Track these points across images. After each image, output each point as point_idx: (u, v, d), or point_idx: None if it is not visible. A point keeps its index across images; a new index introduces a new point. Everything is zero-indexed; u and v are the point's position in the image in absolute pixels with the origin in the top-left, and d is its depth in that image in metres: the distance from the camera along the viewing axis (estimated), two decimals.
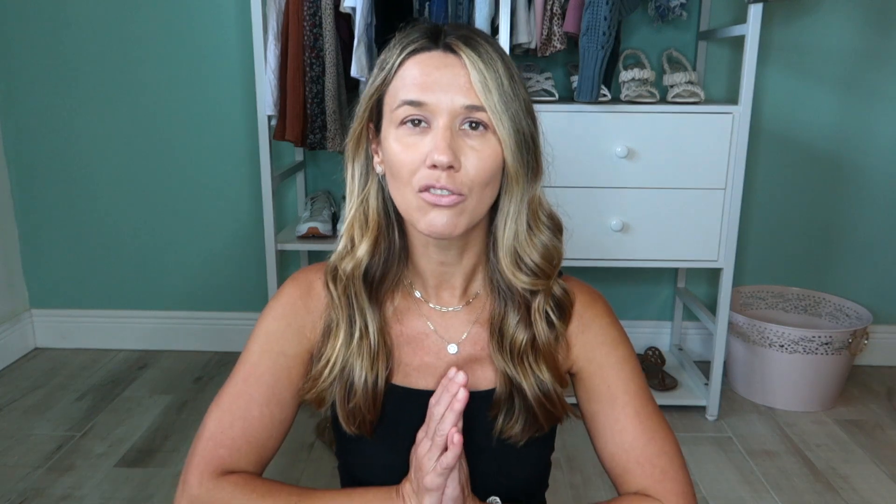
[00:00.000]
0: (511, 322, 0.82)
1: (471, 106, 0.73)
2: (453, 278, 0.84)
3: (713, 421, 1.98)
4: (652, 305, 2.37)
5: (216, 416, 0.82)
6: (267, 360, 0.83)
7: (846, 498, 1.65)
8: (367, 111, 0.79)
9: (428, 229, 0.74)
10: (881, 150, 2.21)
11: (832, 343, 1.97)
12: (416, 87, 0.74)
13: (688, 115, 1.79)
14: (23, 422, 1.94)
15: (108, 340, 2.42)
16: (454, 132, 0.73)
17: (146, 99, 2.24)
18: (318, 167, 2.30)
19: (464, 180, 0.73)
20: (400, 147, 0.74)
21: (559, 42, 1.86)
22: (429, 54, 0.76)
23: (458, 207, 0.74)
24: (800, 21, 2.13)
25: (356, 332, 0.81)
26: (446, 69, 0.74)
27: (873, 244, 2.29)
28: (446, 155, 0.71)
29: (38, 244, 2.38)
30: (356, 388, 0.80)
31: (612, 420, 0.84)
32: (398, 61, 0.76)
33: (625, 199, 1.83)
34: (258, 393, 0.82)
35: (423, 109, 0.73)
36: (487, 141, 0.75)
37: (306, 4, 1.83)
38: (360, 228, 0.81)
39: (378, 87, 0.78)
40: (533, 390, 0.80)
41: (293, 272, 0.89)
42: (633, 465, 0.82)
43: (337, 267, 0.82)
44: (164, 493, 1.63)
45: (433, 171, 0.72)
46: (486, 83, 0.73)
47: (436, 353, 0.84)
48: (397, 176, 0.75)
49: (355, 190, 0.82)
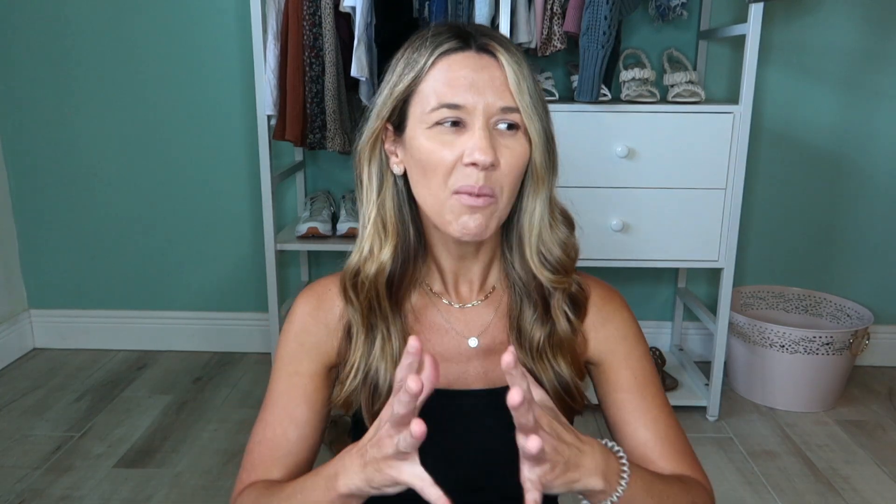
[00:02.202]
0: (528, 318, 0.82)
1: (506, 108, 0.74)
2: (470, 273, 0.85)
3: (714, 421, 1.98)
4: (652, 305, 2.37)
5: (249, 443, 0.87)
6: (281, 383, 0.85)
7: (847, 499, 1.64)
8: (392, 110, 0.78)
9: (461, 231, 0.75)
10: (882, 150, 2.21)
11: (833, 343, 1.96)
12: (453, 89, 0.74)
13: (688, 114, 1.79)
14: (21, 422, 1.93)
15: (107, 341, 2.42)
16: (491, 132, 0.74)
17: (145, 99, 2.24)
18: (318, 167, 2.29)
19: (499, 179, 0.74)
20: (435, 145, 0.74)
21: (559, 42, 1.86)
22: (463, 55, 0.76)
23: (490, 209, 0.75)
24: (800, 21, 2.13)
25: (378, 336, 0.81)
26: (483, 71, 0.75)
27: (874, 244, 2.28)
28: (489, 155, 0.72)
29: (36, 244, 2.37)
30: (381, 391, 0.80)
31: (640, 409, 0.84)
32: (430, 61, 0.76)
33: (625, 199, 1.83)
34: (272, 417, 0.85)
35: (461, 112, 0.74)
36: (519, 141, 0.76)
37: (306, 4, 1.83)
38: (379, 234, 0.80)
39: (408, 86, 0.77)
40: (552, 384, 0.81)
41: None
42: (670, 450, 0.83)
43: (358, 272, 0.81)
44: (163, 493, 1.63)
45: (471, 170, 0.73)
46: (519, 84, 0.75)
47: (456, 348, 0.84)
48: (431, 175, 0.75)
49: (373, 193, 0.81)
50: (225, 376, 2.24)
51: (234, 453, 1.79)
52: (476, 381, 0.84)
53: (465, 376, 0.84)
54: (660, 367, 2.15)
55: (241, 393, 2.12)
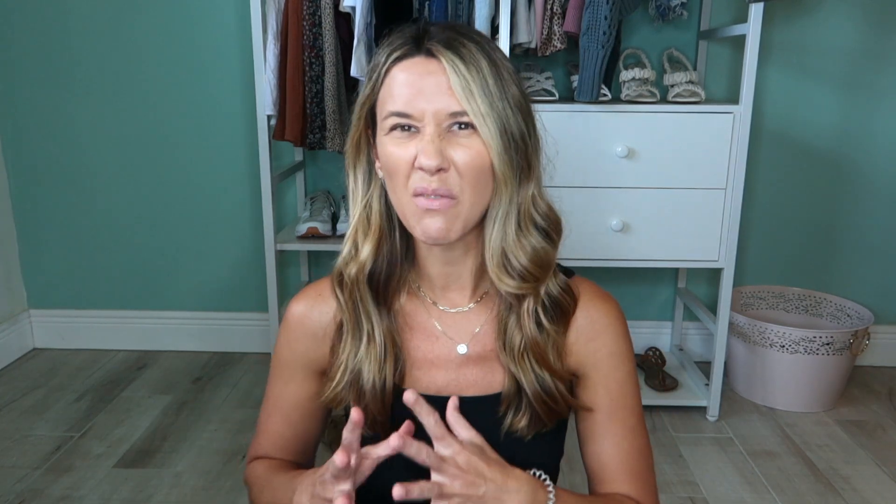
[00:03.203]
0: (511, 322, 0.82)
1: (455, 112, 0.73)
2: (461, 279, 0.84)
3: (714, 421, 1.98)
4: (652, 305, 2.37)
5: (259, 423, 0.95)
6: (278, 388, 0.91)
7: (847, 499, 1.64)
8: (362, 119, 0.79)
9: (423, 235, 0.75)
10: (882, 150, 2.21)
11: (833, 343, 1.96)
12: (401, 98, 0.74)
13: (688, 114, 1.79)
14: (21, 422, 1.93)
15: (107, 341, 2.42)
16: (442, 134, 0.73)
17: (145, 99, 2.24)
18: (318, 167, 2.29)
19: (455, 180, 0.73)
20: (393, 149, 0.75)
21: (559, 41, 1.86)
22: (412, 61, 0.75)
23: (451, 212, 0.74)
24: (800, 21, 2.13)
25: (363, 336, 0.82)
26: (429, 76, 0.73)
27: (875, 244, 2.28)
28: (433, 159, 0.72)
29: (36, 244, 2.37)
30: (366, 391, 0.81)
31: (608, 431, 0.85)
32: (384, 69, 0.76)
33: (625, 199, 1.82)
34: (273, 419, 0.92)
35: (410, 119, 0.74)
36: (476, 140, 0.74)
37: (306, 4, 1.83)
38: (363, 233, 0.82)
39: (368, 95, 0.78)
40: (533, 388, 0.80)
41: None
42: (622, 474, 0.85)
43: (342, 272, 0.83)
44: (163, 493, 1.63)
45: (423, 174, 0.73)
46: (467, 87, 0.72)
47: (445, 354, 0.84)
48: (394, 178, 0.76)
49: (358, 195, 0.82)
50: (225, 376, 2.23)
51: (233, 453, 1.79)
52: (468, 388, 0.84)
53: (457, 383, 0.84)
54: (660, 367, 2.15)
55: (241, 393, 2.12)
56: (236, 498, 1.61)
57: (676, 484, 1.69)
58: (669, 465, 1.77)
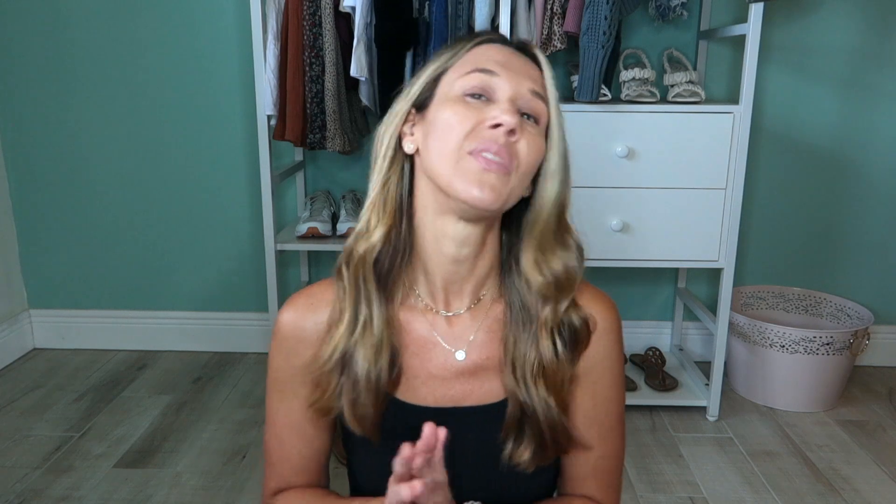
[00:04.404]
0: (526, 340, 0.78)
1: (535, 91, 0.75)
2: (465, 284, 0.81)
3: (714, 421, 1.98)
4: (652, 305, 2.37)
5: (268, 453, 0.88)
6: (284, 404, 0.85)
7: (847, 499, 1.64)
8: (421, 88, 0.78)
9: (467, 192, 0.71)
10: (882, 150, 2.21)
11: (833, 343, 1.96)
12: (488, 60, 0.75)
13: (688, 114, 1.79)
14: (21, 422, 1.93)
15: (107, 341, 2.42)
16: (517, 110, 0.74)
17: (145, 99, 2.24)
18: (318, 167, 2.29)
19: (518, 153, 0.73)
20: (458, 111, 0.73)
21: (559, 41, 1.86)
22: (502, 45, 0.78)
23: (504, 177, 0.72)
24: (800, 20, 2.13)
25: (360, 319, 0.78)
26: (518, 58, 0.77)
27: (875, 244, 2.28)
28: (515, 117, 0.71)
29: (36, 244, 2.37)
30: (359, 380, 0.77)
31: (588, 435, 0.83)
32: (469, 45, 0.78)
33: (625, 199, 1.82)
34: (285, 436, 0.86)
35: (491, 82, 0.74)
36: (539, 133, 0.76)
37: (306, 4, 1.83)
38: (377, 212, 0.79)
39: (442, 63, 0.78)
40: (544, 414, 0.77)
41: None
42: (591, 478, 0.84)
43: (352, 249, 0.80)
44: (162, 493, 1.63)
45: (492, 132, 0.71)
46: (552, 85, 0.77)
47: (442, 363, 0.81)
48: (446, 138, 0.73)
49: (383, 169, 0.79)
50: (225, 376, 2.23)
51: (233, 453, 1.79)
52: (466, 398, 0.81)
53: (454, 392, 0.81)
54: (660, 367, 2.15)
55: (240, 393, 2.12)
56: (236, 498, 1.61)
57: (676, 484, 1.69)
58: (669, 465, 1.77)
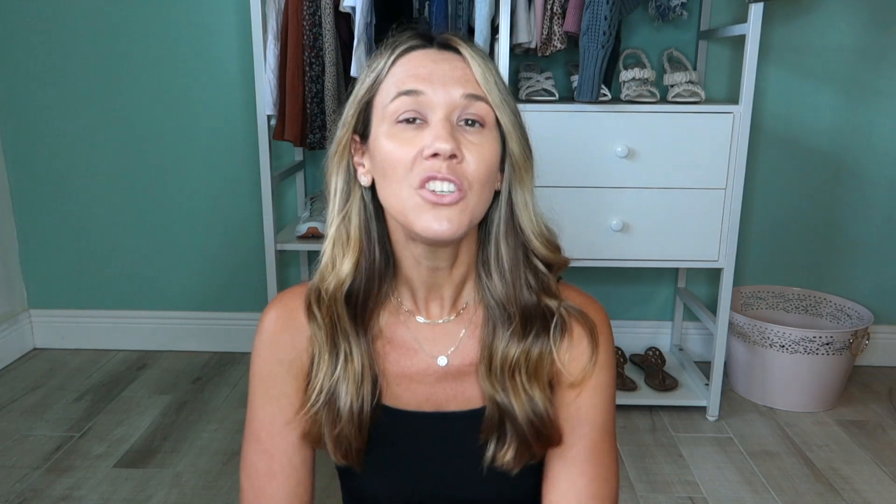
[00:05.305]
0: (501, 335, 0.76)
1: (471, 95, 0.70)
2: (443, 289, 0.79)
3: (714, 421, 1.98)
4: (652, 305, 2.37)
5: (252, 474, 0.81)
6: (270, 408, 0.80)
7: (847, 499, 1.64)
8: (356, 117, 0.74)
9: (426, 231, 0.68)
10: (882, 150, 2.21)
11: (833, 343, 1.96)
12: (411, 78, 0.70)
13: (688, 114, 1.79)
14: (21, 422, 1.93)
15: (107, 341, 2.42)
16: (453, 126, 0.70)
17: (145, 99, 2.24)
18: (318, 167, 2.29)
19: (466, 173, 0.69)
20: (394, 144, 0.70)
21: (559, 42, 1.86)
22: (423, 51, 0.73)
23: (459, 206, 0.68)
24: (800, 20, 2.13)
25: (341, 355, 0.76)
26: (444, 62, 0.71)
27: (874, 244, 2.28)
28: (449, 142, 0.67)
29: (36, 244, 2.37)
30: (342, 413, 0.75)
31: (565, 445, 0.79)
32: (390, 61, 0.73)
33: (625, 199, 1.82)
34: (274, 446, 0.80)
35: (419, 102, 0.70)
36: (486, 137, 0.71)
37: (306, 4, 1.83)
38: (341, 247, 0.77)
39: (368, 89, 0.74)
40: (524, 411, 0.75)
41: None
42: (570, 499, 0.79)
43: (319, 288, 0.78)
44: (162, 493, 1.63)
45: (431, 162, 0.68)
46: (485, 76, 0.72)
47: (424, 368, 0.80)
48: (391, 175, 0.70)
49: (336, 205, 0.77)
50: (225, 376, 2.23)
51: (233, 453, 1.79)
52: (447, 403, 0.80)
53: (436, 397, 0.80)
54: (659, 367, 2.15)
55: (240, 393, 2.12)
56: (236, 498, 1.61)
57: (676, 484, 1.69)
58: (669, 465, 1.77)
